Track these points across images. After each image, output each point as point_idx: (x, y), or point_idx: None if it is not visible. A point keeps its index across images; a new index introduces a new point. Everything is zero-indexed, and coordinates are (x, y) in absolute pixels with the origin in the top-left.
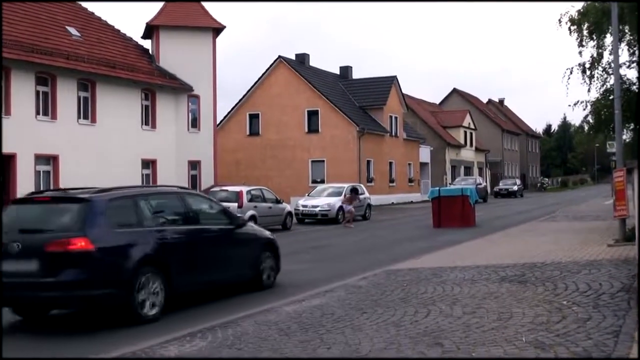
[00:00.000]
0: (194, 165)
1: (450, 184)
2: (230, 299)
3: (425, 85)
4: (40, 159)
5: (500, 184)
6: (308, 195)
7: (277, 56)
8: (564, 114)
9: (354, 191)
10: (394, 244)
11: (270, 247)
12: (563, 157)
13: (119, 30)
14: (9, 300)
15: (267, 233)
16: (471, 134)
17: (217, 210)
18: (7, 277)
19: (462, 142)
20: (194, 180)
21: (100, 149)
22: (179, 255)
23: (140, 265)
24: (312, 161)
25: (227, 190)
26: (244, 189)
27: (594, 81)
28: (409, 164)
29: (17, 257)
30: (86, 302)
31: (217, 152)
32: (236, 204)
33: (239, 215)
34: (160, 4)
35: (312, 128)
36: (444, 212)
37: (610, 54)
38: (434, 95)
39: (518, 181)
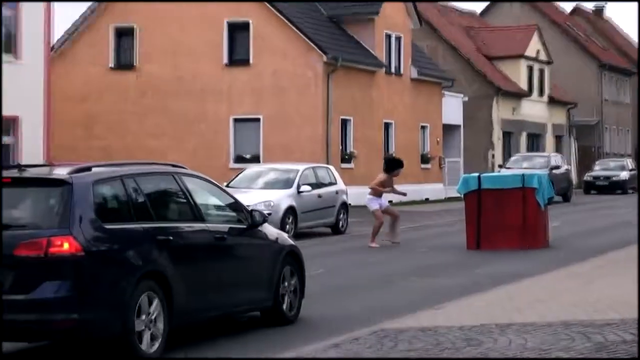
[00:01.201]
0: (7, 125)
1: (501, 166)
2: (235, 337)
3: None
4: None
5: (596, 168)
6: (227, 185)
7: None
8: None
9: (392, 164)
10: (393, 280)
11: (293, 259)
12: None
13: None
14: None
15: (287, 237)
16: (541, 71)
17: (225, 202)
18: None
19: (525, 87)
20: (5, 154)
21: None
22: (183, 267)
23: (140, 278)
24: (237, 120)
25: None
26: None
27: None
28: (423, 128)
29: None
30: (68, 331)
31: (50, 101)
32: None
33: (254, 209)
34: None
35: (238, 57)
36: (489, 219)
37: None
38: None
39: (629, 162)
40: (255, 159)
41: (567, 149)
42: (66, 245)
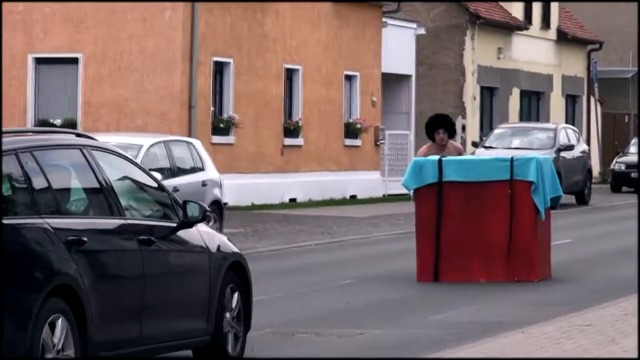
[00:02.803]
0: None
1: (476, 145)
2: None
3: None
4: None
5: (631, 150)
6: None
7: None
8: None
9: (431, 126)
10: (284, 337)
11: (237, 274)
12: None
13: None
14: None
15: (229, 242)
16: None
17: (147, 189)
18: None
19: (519, 14)
20: None
21: None
22: (99, 281)
23: (48, 295)
24: (39, 61)
25: None
26: None
27: None
28: (349, 79)
29: None
30: None
31: None
32: None
33: (188, 200)
34: None
35: None
36: (454, 233)
37: None
38: None
39: None
40: (70, 125)
41: (585, 117)
42: None
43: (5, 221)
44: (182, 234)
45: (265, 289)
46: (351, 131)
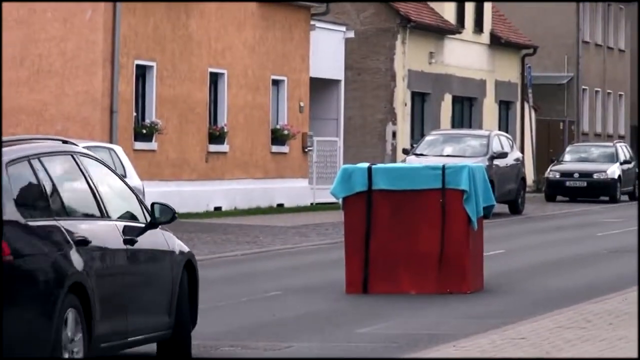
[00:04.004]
0: None
1: (407, 152)
2: None
3: None
4: None
5: (567, 158)
6: None
7: None
8: None
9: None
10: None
11: (189, 273)
12: None
13: None
14: None
15: (180, 241)
16: None
17: (121, 192)
18: None
19: (452, 17)
20: None
21: None
22: (99, 278)
23: (68, 290)
24: None
25: None
26: None
27: None
28: (276, 84)
29: None
30: None
31: None
32: None
33: (156, 202)
34: None
35: None
36: (384, 243)
37: None
38: None
39: (623, 149)
40: None
41: (519, 124)
42: None
43: (30, 223)
44: (150, 234)
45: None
46: (278, 137)
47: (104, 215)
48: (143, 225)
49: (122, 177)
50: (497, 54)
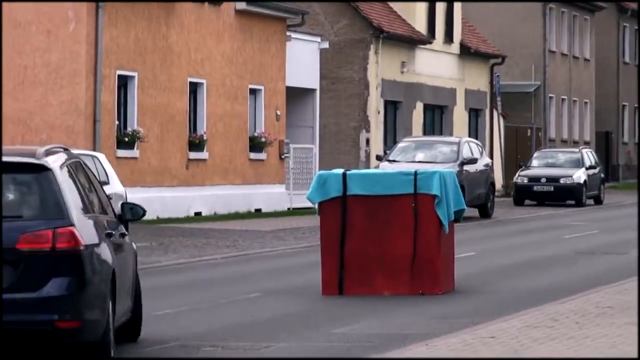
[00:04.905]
0: None
1: (380, 158)
2: None
3: None
4: None
5: (534, 164)
6: None
7: None
8: None
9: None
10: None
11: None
12: None
13: None
14: None
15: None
16: (449, 5)
17: (101, 193)
18: None
19: (422, 28)
20: None
21: None
22: (119, 265)
23: (113, 277)
24: None
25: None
26: None
27: None
28: (253, 93)
29: None
30: (73, 333)
31: None
32: None
33: (127, 202)
34: None
35: None
36: (358, 247)
37: None
38: None
39: (589, 154)
40: None
41: (488, 131)
42: (71, 238)
43: (88, 216)
44: (120, 229)
45: (171, 302)
46: (256, 145)
47: (105, 212)
48: (116, 220)
49: (105, 183)
50: (467, 63)
